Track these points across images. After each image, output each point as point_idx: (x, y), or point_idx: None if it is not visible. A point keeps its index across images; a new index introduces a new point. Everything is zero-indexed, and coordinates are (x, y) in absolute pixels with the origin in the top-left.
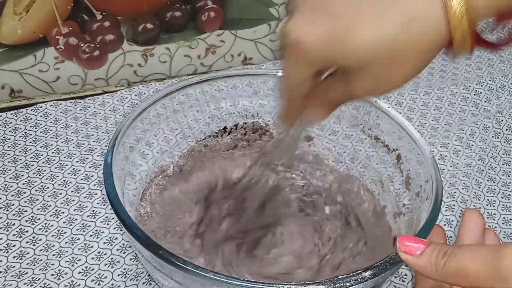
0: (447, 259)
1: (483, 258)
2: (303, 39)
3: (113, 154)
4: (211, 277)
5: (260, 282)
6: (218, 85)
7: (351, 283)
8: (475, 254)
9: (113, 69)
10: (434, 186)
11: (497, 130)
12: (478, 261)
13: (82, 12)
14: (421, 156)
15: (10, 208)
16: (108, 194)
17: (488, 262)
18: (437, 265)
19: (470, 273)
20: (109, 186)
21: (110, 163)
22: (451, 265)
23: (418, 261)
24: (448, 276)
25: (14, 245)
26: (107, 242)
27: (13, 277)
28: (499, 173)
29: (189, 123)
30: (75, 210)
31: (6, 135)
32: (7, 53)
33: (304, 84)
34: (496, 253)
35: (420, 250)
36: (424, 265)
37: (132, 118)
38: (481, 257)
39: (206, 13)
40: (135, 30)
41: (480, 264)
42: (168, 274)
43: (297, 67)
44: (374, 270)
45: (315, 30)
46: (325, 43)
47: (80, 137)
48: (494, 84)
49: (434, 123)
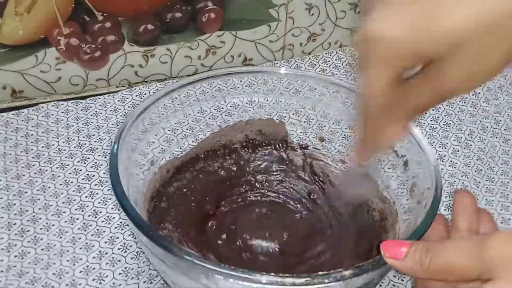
0: (431, 256)
1: (468, 251)
2: (387, 35)
3: (120, 144)
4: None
5: (240, 269)
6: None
7: (329, 280)
8: (460, 249)
9: (114, 70)
10: (433, 193)
11: (496, 130)
12: (464, 255)
13: (83, 13)
14: (426, 163)
15: (12, 207)
16: (114, 189)
17: (473, 255)
18: (423, 264)
19: (457, 268)
20: (114, 179)
21: (116, 153)
22: (437, 262)
23: (404, 263)
24: (436, 273)
25: (15, 244)
26: (108, 241)
27: (14, 276)
28: (497, 173)
29: (197, 117)
30: (76, 209)
31: (8, 135)
32: (8, 53)
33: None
34: (482, 244)
35: (404, 253)
36: (411, 266)
37: (146, 104)
38: (466, 250)
39: (207, 14)
40: (136, 31)
41: (466, 257)
42: None
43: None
44: (355, 270)
45: (397, 23)
46: (411, 35)
47: (81, 137)
48: (493, 84)
49: (433, 123)
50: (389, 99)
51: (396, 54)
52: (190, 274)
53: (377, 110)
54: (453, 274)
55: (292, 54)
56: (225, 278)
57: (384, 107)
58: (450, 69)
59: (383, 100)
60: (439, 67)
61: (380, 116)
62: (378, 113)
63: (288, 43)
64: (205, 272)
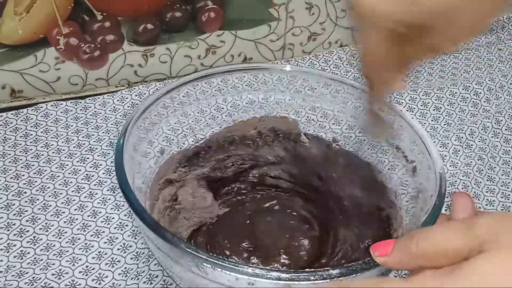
0: (417, 240)
1: (456, 230)
2: (376, 9)
3: (125, 138)
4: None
5: (227, 260)
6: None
7: (315, 277)
8: (448, 229)
9: (113, 69)
10: (434, 200)
11: (497, 130)
12: (453, 234)
13: (83, 12)
14: (432, 170)
15: (11, 208)
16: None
17: (463, 232)
18: (410, 250)
19: (448, 247)
20: (120, 174)
21: (122, 145)
22: (425, 246)
23: (392, 256)
24: (427, 258)
25: (14, 244)
26: (107, 241)
27: (13, 277)
28: (498, 173)
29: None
30: (76, 210)
31: (7, 135)
32: (7, 53)
33: (380, 48)
34: (470, 223)
35: (390, 248)
36: (399, 257)
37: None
38: (455, 230)
39: (206, 14)
40: (135, 30)
41: (455, 236)
42: None
43: (373, 32)
44: (342, 270)
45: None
46: (397, 8)
47: (80, 137)
48: (494, 84)
49: (434, 123)
50: (383, 54)
51: (385, 24)
52: (181, 262)
53: (375, 63)
54: (443, 255)
55: (292, 54)
56: (213, 268)
57: (380, 60)
58: (434, 33)
59: (378, 55)
60: (425, 31)
61: (379, 69)
62: (376, 66)
63: (288, 43)
64: (195, 260)
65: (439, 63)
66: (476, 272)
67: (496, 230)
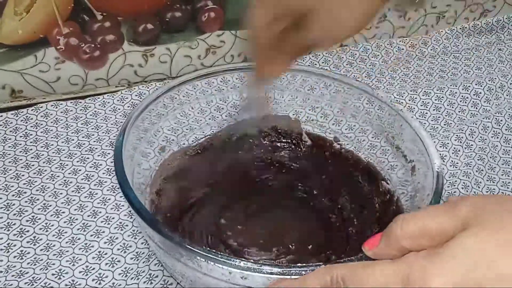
0: (401, 222)
1: (440, 211)
2: None
3: (125, 136)
4: None
5: (220, 253)
6: None
7: (306, 271)
8: (432, 211)
9: (113, 69)
10: (430, 198)
11: (497, 130)
12: (437, 214)
13: (83, 12)
14: (429, 169)
15: (11, 208)
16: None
17: (447, 212)
18: (395, 233)
19: (433, 227)
20: (119, 171)
21: (122, 140)
22: (409, 227)
23: (380, 246)
24: (412, 239)
25: (14, 244)
26: (107, 241)
27: (13, 277)
28: (498, 173)
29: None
30: (76, 210)
31: (7, 135)
32: (7, 53)
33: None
34: (452, 204)
35: (379, 239)
36: (385, 244)
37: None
38: (438, 210)
39: (206, 14)
40: (135, 30)
41: (439, 215)
42: None
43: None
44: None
45: None
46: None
47: (80, 137)
48: (494, 84)
49: (434, 123)
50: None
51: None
52: (176, 255)
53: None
54: (428, 235)
55: None
56: (207, 261)
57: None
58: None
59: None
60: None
61: (262, 54)
62: (260, 51)
63: None
64: (188, 254)
65: (439, 63)
66: (460, 248)
67: (478, 209)
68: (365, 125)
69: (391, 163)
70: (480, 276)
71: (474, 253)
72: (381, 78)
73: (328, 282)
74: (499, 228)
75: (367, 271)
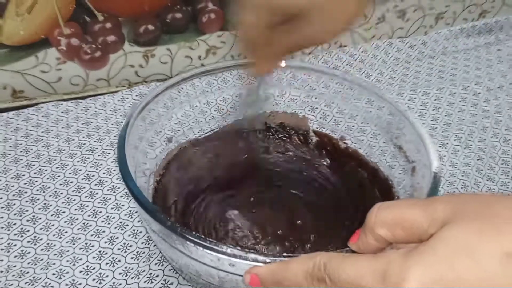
0: (376, 210)
1: (416, 204)
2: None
3: (128, 128)
4: None
5: (208, 240)
6: None
7: None
8: (409, 203)
9: (114, 70)
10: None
11: (496, 130)
12: (412, 207)
13: (84, 13)
14: (428, 169)
15: (11, 207)
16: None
17: (422, 205)
18: (370, 220)
19: (406, 218)
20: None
21: (124, 134)
22: (383, 214)
23: (360, 238)
24: (386, 226)
25: (15, 244)
26: (108, 241)
27: (14, 277)
28: (497, 173)
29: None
30: (76, 209)
31: (8, 135)
32: (9, 53)
33: (258, 33)
34: (428, 200)
35: None
36: (363, 233)
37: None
38: (415, 203)
39: (207, 15)
40: (136, 31)
41: (415, 209)
42: None
43: (253, 16)
44: None
45: None
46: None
47: (81, 137)
48: (493, 85)
49: (433, 123)
50: (260, 40)
51: (265, 9)
52: (169, 240)
53: (251, 46)
54: (402, 224)
55: None
56: (196, 246)
57: (256, 45)
58: (305, 24)
59: (255, 39)
60: (297, 22)
61: (254, 52)
62: (252, 49)
63: None
64: (180, 238)
65: (438, 63)
66: (441, 241)
67: (456, 206)
68: (373, 127)
69: (392, 163)
70: (460, 266)
71: (455, 244)
72: (380, 78)
73: (310, 268)
74: (474, 218)
75: (346, 261)
